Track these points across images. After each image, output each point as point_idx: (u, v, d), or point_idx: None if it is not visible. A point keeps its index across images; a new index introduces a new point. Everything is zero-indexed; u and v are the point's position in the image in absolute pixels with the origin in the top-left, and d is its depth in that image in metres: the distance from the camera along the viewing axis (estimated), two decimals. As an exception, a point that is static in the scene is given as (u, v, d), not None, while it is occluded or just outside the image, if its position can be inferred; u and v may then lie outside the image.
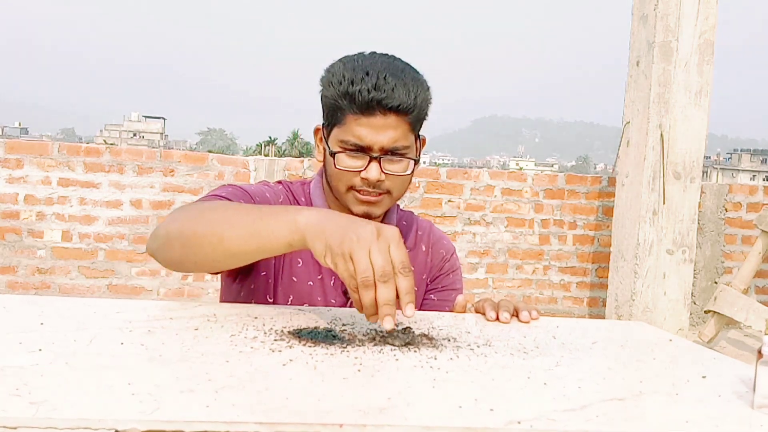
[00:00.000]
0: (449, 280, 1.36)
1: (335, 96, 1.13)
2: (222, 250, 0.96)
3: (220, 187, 1.18)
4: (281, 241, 0.92)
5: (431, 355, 0.81)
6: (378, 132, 1.12)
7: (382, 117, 1.11)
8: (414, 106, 1.13)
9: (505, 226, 4.88)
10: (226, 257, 0.98)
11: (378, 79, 1.10)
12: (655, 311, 4.08)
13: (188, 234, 0.99)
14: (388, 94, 1.10)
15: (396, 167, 1.15)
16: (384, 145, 1.12)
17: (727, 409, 0.70)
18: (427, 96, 1.17)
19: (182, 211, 1.04)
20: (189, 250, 0.99)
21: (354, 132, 1.12)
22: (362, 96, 1.10)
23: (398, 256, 0.86)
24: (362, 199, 1.16)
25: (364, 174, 1.13)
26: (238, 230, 0.95)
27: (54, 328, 0.81)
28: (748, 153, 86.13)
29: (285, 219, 0.92)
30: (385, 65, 1.13)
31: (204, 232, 0.97)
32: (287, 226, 0.91)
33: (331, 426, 0.56)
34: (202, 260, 1.00)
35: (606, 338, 1.01)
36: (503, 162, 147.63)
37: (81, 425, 0.53)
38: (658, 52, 3.99)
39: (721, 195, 5.02)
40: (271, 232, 0.92)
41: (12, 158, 4.37)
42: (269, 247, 0.94)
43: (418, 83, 1.15)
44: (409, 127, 1.15)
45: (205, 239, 0.97)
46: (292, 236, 0.91)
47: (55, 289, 4.44)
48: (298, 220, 0.91)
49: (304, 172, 4.62)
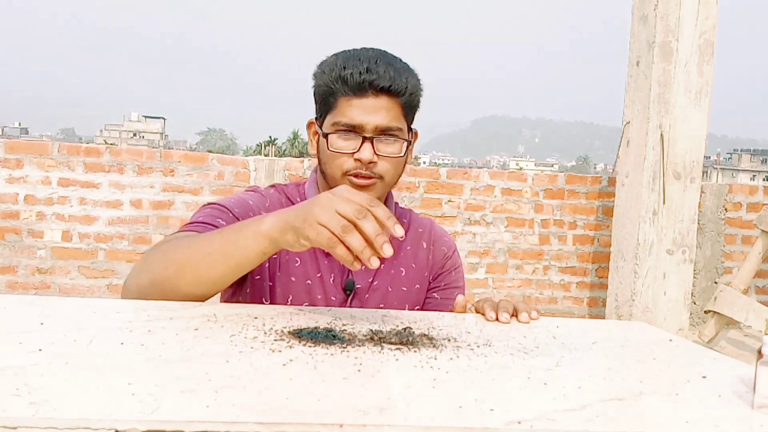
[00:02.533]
0: (452, 277, 1.35)
1: (328, 82, 1.16)
2: (202, 281, 0.99)
3: (201, 207, 1.19)
4: (254, 253, 0.95)
5: (431, 355, 0.81)
6: (370, 112, 1.14)
7: (374, 98, 1.13)
8: (405, 89, 1.15)
9: (505, 226, 4.88)
10: (209, 286, 1.00)
11: (370, 63, 1.13)
12: (655, 311, 4.08)
13: (161, 280, 1.00)
14: (380, 75, 1.13)
15: (389, 149, 1.16)
16: (377, 125, 1.14)
17: (727, 409, 0.70)
18: (417, 84, 1.19)
19: (145, 259, 1.05)
20: (169, 294, 1.00)
21: (346, 113, 1.14)
22: (354, 78, 1.12)
23: (359, 197, 0.88)
24: (356, 183, 1.16)
25: (357, 155, 1.14)
26: (210, 258, 0.97)
27: (54, 328, 0.81)
28: (748, 153, 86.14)
29: (249, 232, 0.95)
30: (377, 53, 1.17)
31: (176, 272, 0.99)
32: (253, 238, 0.94)
33: (331, 426, 0.56)
34: (185, 297, 1.01)
35: (606, 338, 1.01)
36: (503, 162, 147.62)
37: (81, 425, 0.53)
38: (658, 52, 3.99)
39: (721, 195, 5.02)
40: (243, 247, 0.95)
41: (12, 158, 4.37)
42: (245, 262, 0.97)
43: (408, 71, 1.18)
44: (401, 110, 1.17)
45: (181, 278, 0.98)
46: (262, 245, 0.94)
47: (55, 289, 4.44)
48: (260, 228, 0.94)
49: (304, 172, 4.62)
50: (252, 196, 1.24)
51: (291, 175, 4.61)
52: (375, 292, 1.25)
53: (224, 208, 1.17)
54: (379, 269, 1.26)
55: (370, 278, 1.25)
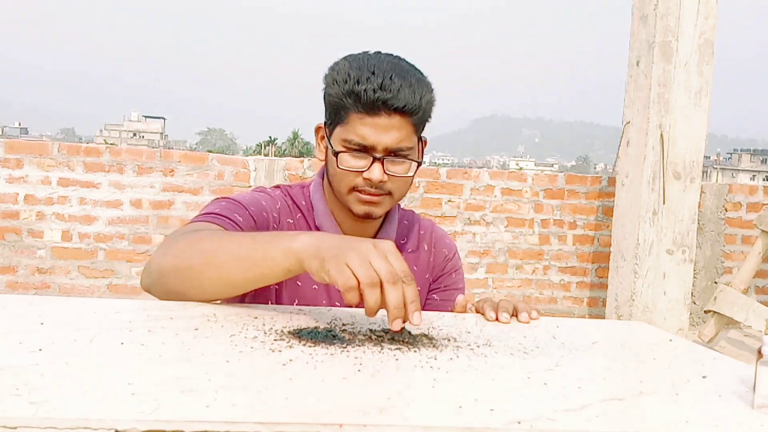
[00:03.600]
0: (452, 279, 1.36)
1: (339, 94, 1.12)
2: (223, 282, 0.96)
3: (214, 201, 1.17)
4: (280, 268, 0.92)
5: (431, 355, 0.81)
6: (382, 132, 1.11)
7: (386, 117, 1.10)
8: (419, 108, 1.12)
9: (505, 226, 4.88)
10: (228, 288, 0.97)
11: (384, 79, 1.09)
12: (655, 311, 4.08)
13: (183, 268, 0.97)
14: (394, 95, 1.09)
15: (398, 168, 1.15)
16: (388, 146, 1.12)
17: (727, 409, 0.70)
18: (431, 98, 1.16)
19: (173, 241, 1.01)
20: (188, 284, 0.97)
21: (358, 131, 1.11)
22: (368, 95, 1.09)
23: (399, 265, 0.85)
24: (364, 199, 1.15)
25: (367, 174, 1.13)
26: (236, 261, 0.94)
27: (54, 328, 0.81)
28: (748, 153, 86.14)
29: (281, 246, 0.92)
30: (391, 65, 1.12)
31: (200, 266, 0.96)
32: (283, 253, 0.91)
33: (331, 426, 0.56)
34: (201, 293, 0.98)
35: (606, 338, 1.01)
36: (503, 162, 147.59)
37: (81, 425, 0.53)
38: (658, 52, 3.99)
39: (721, 195, 5.02)
40: (270, 259, 0.92)
41: (12, 158, 4.37)
42: (269, 275, 0.94)
43: (423, 84, 1.14)
44: (412, 129, 1.14)
45: (203, 273, 0.96)
46: (289, 262, 0.91)
47: (55, 289, 4.44)
48: (293, 246, 0.91)
49: (304, 172, 4.62)
50: (263, 196, 1.22)
51: (291, 175, 4.62)
52: None
53: (240, 204, 1.15)
54: None
55: None
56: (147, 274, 1.02)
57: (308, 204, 1.26)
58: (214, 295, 0.99)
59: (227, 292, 0.99)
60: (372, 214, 1.17)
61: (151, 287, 1.02)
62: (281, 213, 1.23)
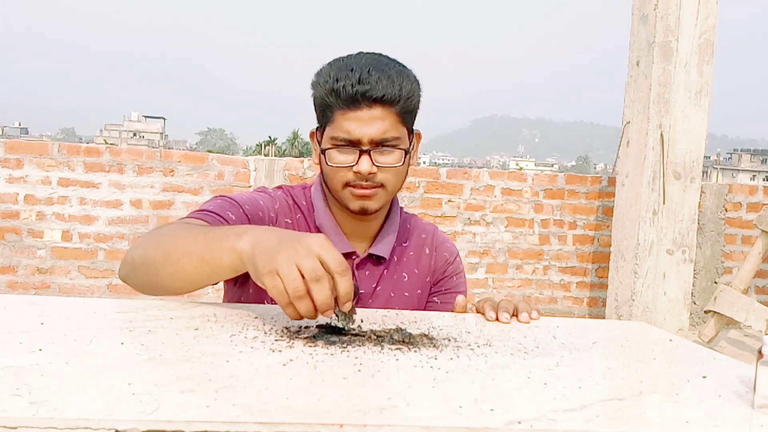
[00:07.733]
0: (452, 282, 1.36)
1: (323, 95, 1.15)
2: (179, 277, 0.97)
3: (212, 198, 1.19)
4: (227, 267, 0.93)
5: (431, 355, 0.81)
6: (365, 125, 1.13)
7: (368, 109, 1.12)
8: (399, 96, 1.14)
9: (505, 226, 4.88)
10: (185, 283, 0.99)
11: (362, 74, 1.12)
12: (655, 311, 4.08)
13: (148, 261, 1.00)
14: (372, 86, 1.11)
15: (387, 159, 1.16)
16: (373, 137, 1.13)
17: (727, 409, 0.70)
18: (413, 87, 1.17)
19: (149, 235, 1.05)
20: (152, 278, 1.00)
21: (342, 127, 1.14)
22: (346, 90, 1.11)
23: (330, 257, 0.84)
24: (357, 194, 1.16)
25: (356, 168, 1.14)
26: (188, 258, 0.95)
27: (54, 328, 0.81)
28: (748, 153, 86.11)
29: (226, 246, 0.92)
30: (370, 61, 1.15)
31: (161, 260, 0.98)
32: (227, 252, 0.92)
33: (331, 426, 0.56)
34: (163, 288, 1.00)
35: (606, 338, 1.01)
36: (503, 162, 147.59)
37: (81, 425, 0.53)
38: (658, 52, 3.99)
39: (721, 195, 5.02)
40: (218, 258, 0.93)
41: (12, 158, 4.37)
42: (219, 272, 0.95)
43: (403, 74, 1.16)
44: (397, 119, 1.15)
45: (163, 268, 0.98)
46: (234, 262, 0.91)
47: (55, 289, 4.44)
48: (236, 246, 0.91)
49: (304, 172, 4.62)
50: (262, 196, 1.23)
51: (291, 175, 4.62)
52: (378, 298, 1.26)
53: (236, 202, 1.17)
54: (383, 274, 1.27)
55: (373, 284, 1.26)
56: (123, 265, 1.05)
57: (309, 204, 1.27)
58: (174, 289, 1.00)
59: (185, 287, 1.00)
60: (367, 209, 1.18)
61: (126, 279, 1.06)
62: (279, 213, 1.24)
